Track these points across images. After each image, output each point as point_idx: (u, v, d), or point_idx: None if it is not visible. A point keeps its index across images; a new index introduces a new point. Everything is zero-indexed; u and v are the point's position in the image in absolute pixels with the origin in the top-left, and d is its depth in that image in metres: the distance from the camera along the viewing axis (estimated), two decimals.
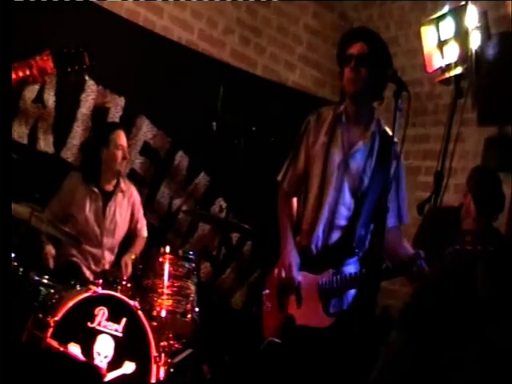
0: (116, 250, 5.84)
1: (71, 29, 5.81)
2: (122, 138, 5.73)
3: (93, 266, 5.64)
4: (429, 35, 5.95)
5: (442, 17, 5.83)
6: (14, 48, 3.81)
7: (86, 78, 6.00)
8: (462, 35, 5.67)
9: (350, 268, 4.14)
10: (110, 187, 5.76)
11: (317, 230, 4.18)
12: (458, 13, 5.70)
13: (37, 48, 4.04)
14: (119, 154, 5.67)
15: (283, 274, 4.18)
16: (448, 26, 5.77)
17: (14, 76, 3.96)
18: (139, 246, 5.93)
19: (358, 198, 4.16)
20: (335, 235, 4.18)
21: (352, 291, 4.14)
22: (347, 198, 4.17)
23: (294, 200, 4.42)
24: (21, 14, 5.39)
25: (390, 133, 3.99)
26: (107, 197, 5.74)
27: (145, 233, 6.02)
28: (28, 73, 3.97)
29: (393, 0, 6.94)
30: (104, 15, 6.17)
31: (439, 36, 5.86)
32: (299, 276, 4.18)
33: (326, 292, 4.11)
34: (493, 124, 5.89)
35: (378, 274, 3.91)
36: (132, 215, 5.92)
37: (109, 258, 5.76)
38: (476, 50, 5.61)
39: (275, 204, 4.42)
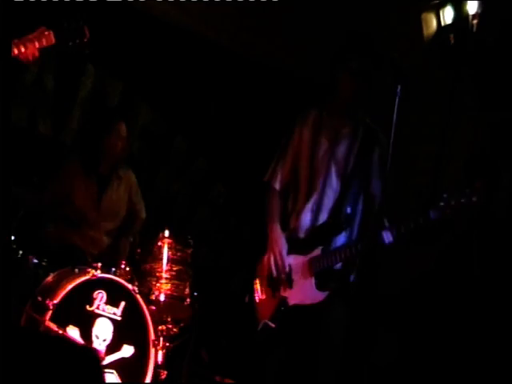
0: (114, 234, 5.84)
1: (67, 12, 5.79)
2: (123, 129, 5.73)
3: (91, 249, 5.65)
4: (429, 21, 5.95)
5: (443, 2, 5.83)
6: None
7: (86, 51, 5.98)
8: (462, 21, 5.68)
9: (338, 244, 4.27)
10: (106, 173, 5.75)
11: (305, 213, 4.36)
12: None
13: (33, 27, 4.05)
14: (120, 144, 5.68)
15: (272, 259, 4.34)
16: (448, 12, 5.78)
17: (15, 52, 3.97)
18: (137, 227, 5.94)
19: (345, 181, 4.33)
20: (323, 216, 4.33)
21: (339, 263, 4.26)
22: (334, 181, 4.34)
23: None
24: None
25: (372, 125, 4.35)
26: (104, 182, 5.73)
27: (143, 214, 6.02)
28: (28, 47, 3.98)
29: None
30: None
31: (439, 22, 5.86)
32: (289, 259, 4.32)
33: (317, 268, 4.23)
34: (493, 110, 5.89)
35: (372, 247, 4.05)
36: (130, 198, 5.92)
37: (107, 241, 5.76)
38: (477, 36, 5.61)
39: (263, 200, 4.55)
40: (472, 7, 5.64)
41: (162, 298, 5.19)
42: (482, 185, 3.75)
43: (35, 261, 5.03)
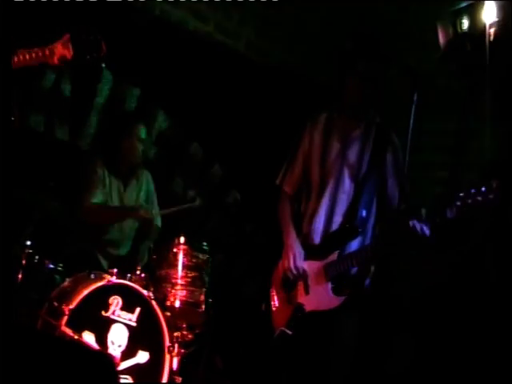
0: (132, 234, 5.85)
1: (87, 19, 5.81)
2: (143, 132, 5.78)
3: (111, 251, 5.65)
4: (445, 29, 5.94)
5: (459, 11, 5.82)
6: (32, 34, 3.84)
7: (103, 65, 5.99)
8: (479, 29, 5.67)
9: (354, 247, 4.25)
10: (126, 174, 5.79)
11: (318, 218, 4.34)
12: (475, 7, 5.70)
13: (54, 34, 4.07)
14: (140, 147, 5.72)
15: (288, 265, 4.32)
16: (465, 20, 5.77)
17: (34, 58, 4.00)
18: (153, 234, 5.93)
19: (358, 183, 4.31)
20: (336, 221, 4.32)
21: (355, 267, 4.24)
22: (347, 184, 4.33)
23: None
24: (37, 4, 5.44)
25: (384, 124, 4.36)
26: (124, 183, 5.77)
27: (159, 221, 6.02)
28: (47, 55, 4.01)
29: None
30: (120, 5, 6.16)
31: (456, 30, 5.85)
32: (304, 265, 4.30)
33: (333, 273, 4.21)
34: (508, 119, 5.87)
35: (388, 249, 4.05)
36: (147, 200, 5.93)
37: (127, 243, 5.79)
38: (492, 45, 5.59)
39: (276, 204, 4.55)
40: (489, 16, 5.63)
41: (177, 304, 5.19)
42: (498, 183, 3.73)
43: (51, 266, 5.06)
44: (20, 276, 4.75)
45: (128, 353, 4.92)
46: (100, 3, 5.92)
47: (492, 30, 5.58)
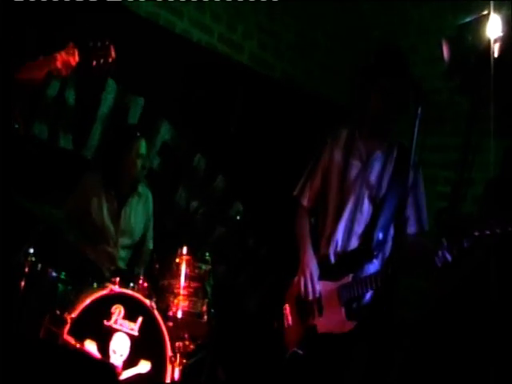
0: (132, 250, 5.85)
1: (92, 28, 5.83)
2: (143, 147, 5.74)
3: (107, 265, 5.66)
4: (450, 44, 5.95)
5: (464, 26, 5.83)
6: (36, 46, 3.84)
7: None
8: (483, 45, 5.68)
9: (369, 271, 4.22)
10: (126, 190, 5.77)
11: (336, 238, 4.30)
12: (479, 22, 5.71)
13: (59, 45, 4.06)
14: (139, 162, 5.70)
15: (303, 283, 4.26)
16: (469, 36, 5.78)
17: (40, 70, 3.99)
18: (144, 258, 5.92)
19: (377, 205, 4.27)
20: (354, 242, 4.28)
21: (370, 292, 4.21)
22: (366, 205, 4.29)
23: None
24: (45, 14, 5.46)
25: (406, 145, 4.14)
26: (123, 199, 5.75)
27: (151, 244, 6.01)
28: (52, 66, 3.99)
29: (413, 7, 6.96)
30: (124, 15, 6.16)
31: (460, 45, 5.86)
32: (319, 285, 4.28)
33: (346, 297, 4.18)
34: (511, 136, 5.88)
35: (397, 272, 3.93)
36: (147, 220, 5.94)
37: (124, 256, 5.78)
38: (497, 59, 5.60)
39: (291, 217, 4.53)
40: (493, 31, 5.64)
41: (179, 314, 5.18)
42: None
43: (54, 274, 5.04)
44: (23, 284, 4.74)
45: (130, 362, 4.92)
46: (104, 13, 5.94)
47: (497, 45, 5.58)
